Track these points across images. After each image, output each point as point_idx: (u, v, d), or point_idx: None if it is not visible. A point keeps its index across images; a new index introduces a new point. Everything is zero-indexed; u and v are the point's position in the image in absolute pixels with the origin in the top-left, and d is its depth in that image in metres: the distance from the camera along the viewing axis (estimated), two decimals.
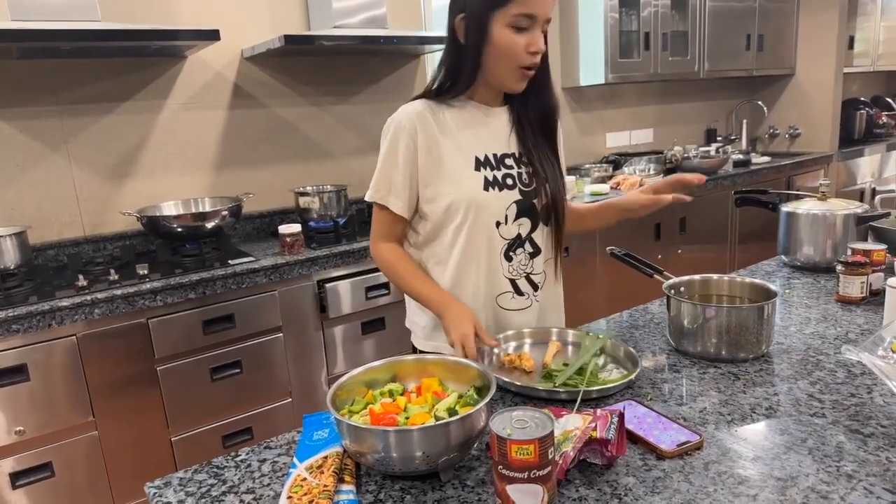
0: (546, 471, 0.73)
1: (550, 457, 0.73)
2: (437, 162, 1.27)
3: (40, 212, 2.34)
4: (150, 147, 2.52)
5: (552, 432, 0.73)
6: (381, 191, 1.31)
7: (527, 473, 0.72)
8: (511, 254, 1.32)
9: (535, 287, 1.36)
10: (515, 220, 1.31)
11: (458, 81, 1.26)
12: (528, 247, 1.34)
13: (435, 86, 1.29)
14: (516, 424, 0.75)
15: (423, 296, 1.30)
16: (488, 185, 1.28)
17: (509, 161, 1.31)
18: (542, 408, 0.81)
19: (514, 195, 1.30)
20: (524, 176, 1.32)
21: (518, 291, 1.34)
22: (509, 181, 1.30)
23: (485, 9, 1.17)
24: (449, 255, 1.32)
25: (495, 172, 1.29)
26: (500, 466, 0.74)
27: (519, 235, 1.32)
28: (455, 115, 1.30)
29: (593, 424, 0.87)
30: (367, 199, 1.33)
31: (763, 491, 0.80)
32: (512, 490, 0.73)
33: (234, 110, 2.68)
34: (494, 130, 1.32)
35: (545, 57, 1.26)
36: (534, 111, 1.32)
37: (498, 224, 1.30)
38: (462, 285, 1.32)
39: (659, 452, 0.89)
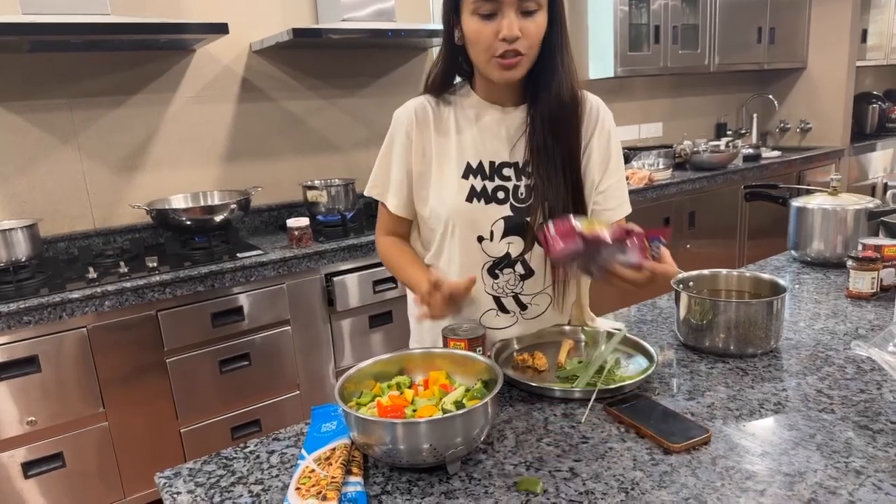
0: None
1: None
2: (428, 164, 1.20)
3: (51, 205, 2.36)
4: (159, 140, 2.53)
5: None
6: (378, 186, 1.26)
7: None
8: (497, 271, 1.21)
9: (522, 307, 1.25)
10: (503, 237, 1.18)
11: (448, 76, 1.20)
12: (518, 267, 1.21)
13: (429, 80, 1.22)
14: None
15: (409, 282, 1.24)
16: (473, 195, 1.17)
17: (507, 171, 1.18)
18: (557, 406, 0.82)
19: (504, 210, 1.17)
20: (521, 190, 1.17)
21: (503, 309, 1.24)
22: (500, 194, 1.17)
23: (451, 4, 1.11)
24: (436, 263, 1.25)
25: (486, 182, 1.17)
26: None
27: (508, 255, 1.19)
28: (460, 113, 1.21)
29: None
30: (365, 193, 1.30)
31: (771, 486, 0.80)
32: None
33: (242, 103, 2.68)
34: (501, 134, 1.19)
35: (551, 45, 1.11)
36: (545, 110, 1.15)
37: (481, 239, 1.18)
38: None
39: (666, 447, 0.89)
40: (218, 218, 2.31)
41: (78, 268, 2.16)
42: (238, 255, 2.20)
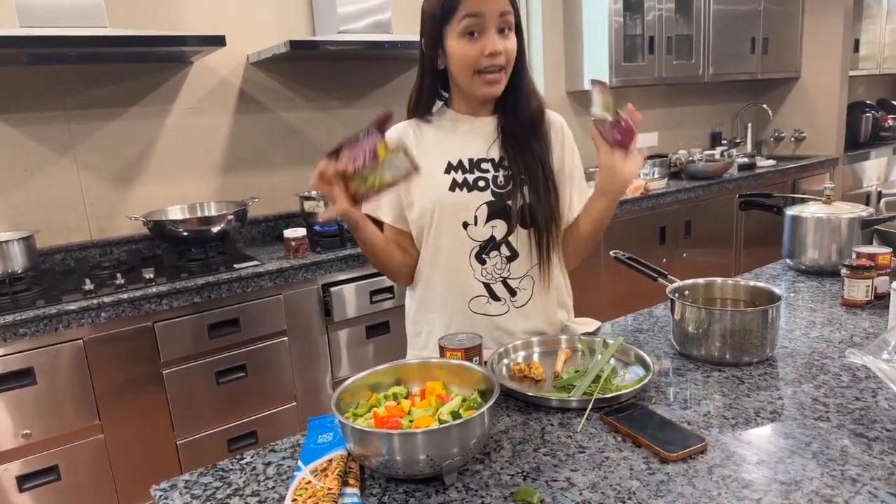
0: None
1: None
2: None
3: (48, 216, 2.36)
4: (156, 152, 2.54)
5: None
6: (370, 204, 1.24)
7: None
8: (484, 256, 1.28)
9: (512, 292, 1.31)
10: (487, 221, 1.27)
11: (430, 99, 1.30)
12: (504, 250, 1.28)
13: (412, 105, 1.31)
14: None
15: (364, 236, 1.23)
16: (455, 185, 1.26)
17: (486, 165, 1.28)
18: (554, 416, 0.82)
19: (485, 196, 1.26)
20: (500, 179, 1.27)
21: (493, 296, 1.30)
22: (481, 183, 1.27)
23: (434, 29, 1.20)
24: (423, 259, 1.32)
25: (466, 175, 1.27)
26: None
27: (493, 238, 1.27)
28: (436, 128, 1.31)
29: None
30: (366, 212, 1.26)
31: (767, 495, 0.80)
32: None
33: (239, 115, 2.69)
34: (476, 137, 1.30)
35: (519, 59, 1.23)
36: (516, 117, 1.28)
37: (466, 225, 1.27)
38: (430, 288, 1.33)
39: (662, 456, 0.90)
40: (215, 229, 2.31)
41: (74, 279, 2.16)
42: (235, 265, 2.20)
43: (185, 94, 2.56)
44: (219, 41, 2.15)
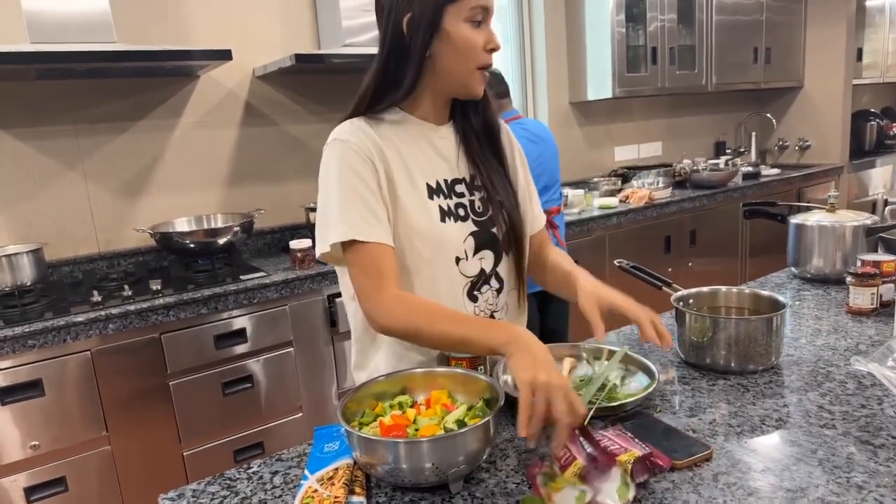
0: None
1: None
2: (390, 182, 1.08)
3: (56, 229, 2.38)
4: (163, 164, 2.56)
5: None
6: (355, 225, 1.02)
7: None
8: (476, 293, 1.15)
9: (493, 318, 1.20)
10: (476, 254, 1.14)
11: (398, 88, 1.09)
12: (493, 283, 1.18)
13: (369, 95, 1.11)
14: None
15: (473, 332, 0.98)
16: (444, 214, 1.11)
17: (460, 188, 1.15)
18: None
19: (469, 227, 1.14)
20: (476, 204, 1.16)
21: None
22: (461, 211, 1.14)
23: (437, 4, 1.03)
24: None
25: (448, 202, 1.13)
26: None
27: (482, 271, 1.16)
28: (396, 132, 1.12)
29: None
30: (336, 240, 1.03)
31: (773, 502, 0.80)
32: None
33: (245, 128, 2.72)
34: (441, 152, 1.16)
35: None
36: (477, 125, 1.17)
37: (458, 260, 1.13)
38: None
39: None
40: (221, 241, 2.33)
41: (82, 291, 2.18)
42: (241, 277, 2.21)
43: (192, 107, 2.59)
44: (225, 55, 2.18)
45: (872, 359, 1.19)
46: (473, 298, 1.16)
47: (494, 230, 1.16)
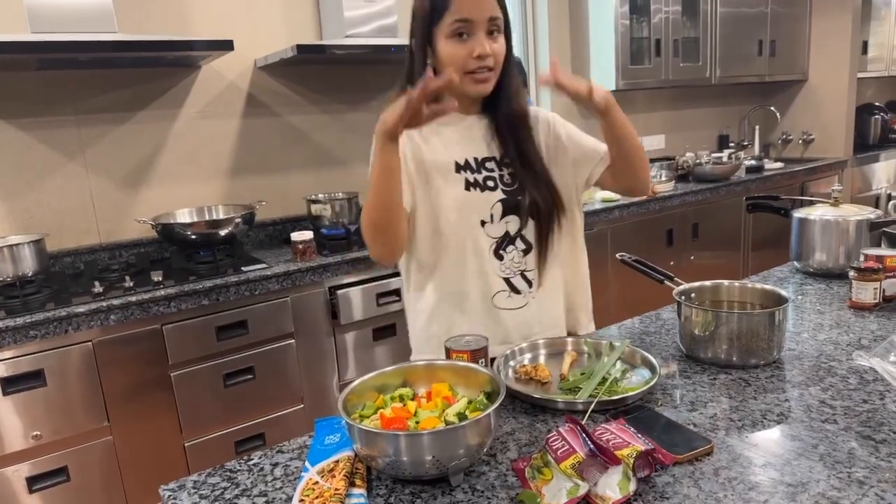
0: None
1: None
2: (420, 163, 1.30)
3: (57, 219, 2.38)
4: (164, 155, 2.56)
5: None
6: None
7: None
8: (501, 252, 1.32)
9: (529, 284, 1.35)
10: (502, 218, 1.31)
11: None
12: (519, 244, 1.33)
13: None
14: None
15: (374, 178, 1.21)
16: (469, 185, 1.30)
17: (490, 164, 1.32)
18: (562, 420, 0.82)
19: (497, 195, 1.31)
20: (506, 177, 1.32)
21: (514, 289, 1.33)
22: (490, 183, 1.31)
23: (424, 29, 1.23)
24: (435, 259, 1.32)
25: (476, 175, 1.31)
26: None
27: (507, 233, 1.32)
28: (429, 126, 1.26)
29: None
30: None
31: (773, 497, 0.80)
32: None
33: (247, 119, 2.71)
34: (472, 136, 1.33)
35: (507, 62, 1.26)
36: (505, 115, 1.32)
37: (483, 223, 1.30)
38: (452, 288, 1.32)
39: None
40: (222, 232, 2.33)
41: (84, 282, 2.18)
42: (242, 268, 2.21)
43: (194, 98, 2.58)
44: (227, 46, 2.17)
45: (875, 354, 1.18)
46: (499, 257, 1.32)
47: (521, 198, 1.31)
